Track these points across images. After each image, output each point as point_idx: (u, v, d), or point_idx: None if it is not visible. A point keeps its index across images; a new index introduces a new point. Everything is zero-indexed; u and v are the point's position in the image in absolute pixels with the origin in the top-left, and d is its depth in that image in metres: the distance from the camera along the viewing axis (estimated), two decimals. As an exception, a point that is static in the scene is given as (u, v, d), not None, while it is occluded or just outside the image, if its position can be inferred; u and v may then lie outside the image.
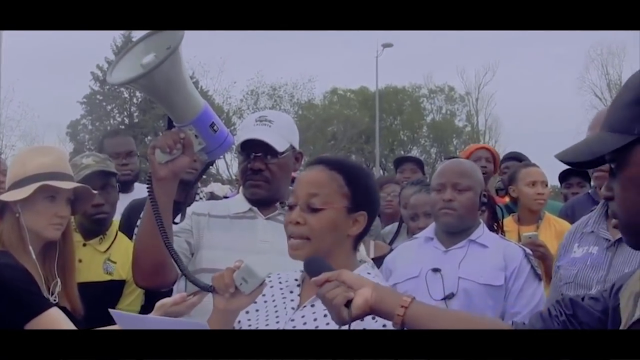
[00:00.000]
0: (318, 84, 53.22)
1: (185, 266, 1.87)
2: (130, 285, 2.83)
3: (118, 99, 33.38)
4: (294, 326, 1.69)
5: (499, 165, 4.82)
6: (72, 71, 50.85)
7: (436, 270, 2.60)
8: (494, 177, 4.80)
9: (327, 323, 1.63)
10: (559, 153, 1.25)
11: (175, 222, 2.05)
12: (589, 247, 2.51)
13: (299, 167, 2.35)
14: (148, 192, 1.85)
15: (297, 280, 1.82)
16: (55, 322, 2.13)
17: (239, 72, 58.98)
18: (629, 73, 1.26)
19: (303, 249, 1.71)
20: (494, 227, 2.96)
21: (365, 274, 1.76)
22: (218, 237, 2.23)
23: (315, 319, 1.68)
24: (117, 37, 31.42)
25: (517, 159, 4.95)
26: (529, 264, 2.61)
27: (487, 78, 38.57)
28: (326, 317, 1.60)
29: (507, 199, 4.19)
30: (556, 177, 4.98)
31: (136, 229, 2.70)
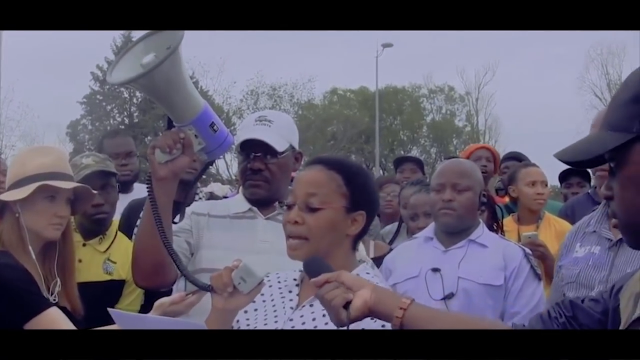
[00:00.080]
0: (318, 84, 53.22)
1: (184, 266, 1.87)
2: (130, 285, 2.83)
3: (118, 99, 33.38)
4: (292, 326, 1.69)
5: (499, 165, 4.82)
6: (72, 71, 50.83)
7: (436, 270, 2.60)
8: (494, 177, 4.79)
9: (325, 323, 1.62)
10: (557, 152, 1.25)
11: (175, 222, 2.05)
12: (591, 246, 2.50)
13: (298, 167, 2.35)
14: (148, 192, 1.85)
15: (296, 280, 1.82)
16: (55, 322, 2.13)
17: (239, 72, 59.05)
18: (628, 73, 1.25)
19: (301, 249, 1.71)
20: (493, 227, 2.96)
21: (364, 273, 1.76)
22: (218, 237, 2.23)
23: (314, 318, 1.67)
24: (117, 37, 31.48)
25: (517, 158, 4.95)
26: (528, 263, 2.61)
27: (487, 78, 38.61)
28: (325, 317, 1.60)
29: (506, 198, 4.19)
30: (556, 177, 4.99)
31: (136, 229, 2.70)
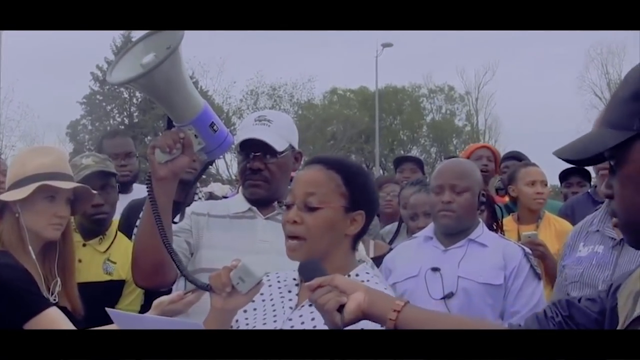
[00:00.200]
0: (318, 84, 53.24)
1: (184, 266, 1.87)
2: (129, 285, 2.83)
3: (118, 99, 33.37)
4: (291, 326, 1.69)
5: (499, 164, 4.82)
6: (72, 71, 50.84)
7: (435, 269, 2.60)
8: (495, 176, 4.79)
9: (324, 323, 1.62)
10: (557, 150, 1.23)
11: (175, 222, 2.05)
12: (595, 246, 2.50)
13: (298, 167, 2.35)
14: (148, 192, 1.85)
15: (295, 280, 1.81)
16: (54, 322, 2.13)
17: (239, 72, 59.10)
18: (629, 72, 1.24)
19: (300, 250, 1.71)
20: (493, 226, 2.96)
21: (364, 273, 1.76)
22: (217, 237, 2.23)
23: (312, 318, 1.67)
24: (117, 37, 31.48)
25: (516, 158, 4.95)
26: (528, 263, 2.61)
27: (487, 78, 38.63)
28: (324, 317, 1.60)
29: (506, 198, 4.19)
30: (556, 177, 4.99)
31: (135, 229, 2.70)
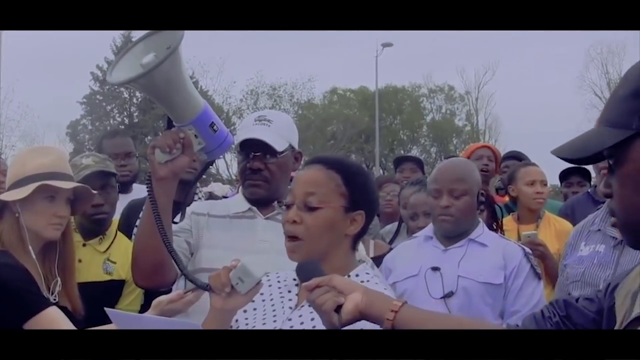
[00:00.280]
0: (318, 84, 53.21)
1: (184, 266, 1.87)
2: (129, 285, 2.83)
3: (118, 99, 33.37)
4: (291, 326, 1.69)
5: (499, 164, 4.82)
6: (72, 71, 50.83)
7: (435, 268, 2.60)
8: (495, 176, 4.79)
9: (322, 323, 1.62)
10: (555, 149, 1.22)
11: (175, 222, 2.05)
12: (596, 245, 2.50)
13: (298, 167, 2.35)
14: (148, 191, 1.85)
15: (295, 279, 1.81)
16: (54, 322, 2.13)
17: (239, 72, 59.12)
18: (629, 71, 1.23)
19: (300, 250, 1.71)
20: (493, 226, 2.96)
21: (364, 273, 1.76)
22: (217, 237, 2.23)
23: (312, 319, 1.66)
24: (117, 37, 31.50)
25: (516, 158, 4.95)
26: (528, 263, 2.61)
27: (487, 77, 38.64)
28: (324, 317, 1.60)
29: (506, 198, 4.19)
30: (556, 176, 4.99)
31: (135, 228, 2.70)
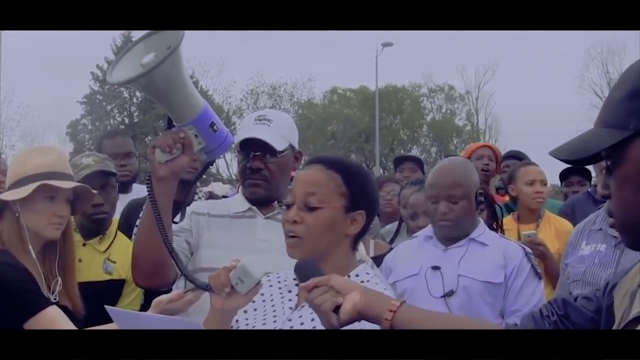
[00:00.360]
0: (318, 84, 53.19)
1: (184, 265, 1.87)
2: (129, 284, 2.83)
3: (118, 98, 33.37)
4: (291, 326, 1.69)
5: (500, 164, 4.82)
6: (72, 71, 50.82)
7: (436, 268, 2.60)
8: (495, 176, 4.79)
9: (321, 323, 1.62)
10: (553, 150, 1.21)
11: (175, 222, 2.06)
12: (597, 244, 2.50)
13: (298, 167, 2.35)
14: (148, 191, 1.85)
15: (295, 279, 1.81)
16: (54, 321, 2.13)
17: (239, 71, 59.09)
18: (628, 71, 1.22)
19: (300, 248, 1.71)
20: (493, 225, 2.96)
21: (364, 273, 1.76)
22: (217, 237, 2.23)
23: (312, 319, 1.66)
24: (117, 37, 31.47)
25: (517, 157, 4.95)
26: (529, 262, 2.61)
27: (487, 77, 38.64)
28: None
29: (506, 197, 4.19)
30: (556, 176, 4.99)
31: (135, 228, 2.70)
